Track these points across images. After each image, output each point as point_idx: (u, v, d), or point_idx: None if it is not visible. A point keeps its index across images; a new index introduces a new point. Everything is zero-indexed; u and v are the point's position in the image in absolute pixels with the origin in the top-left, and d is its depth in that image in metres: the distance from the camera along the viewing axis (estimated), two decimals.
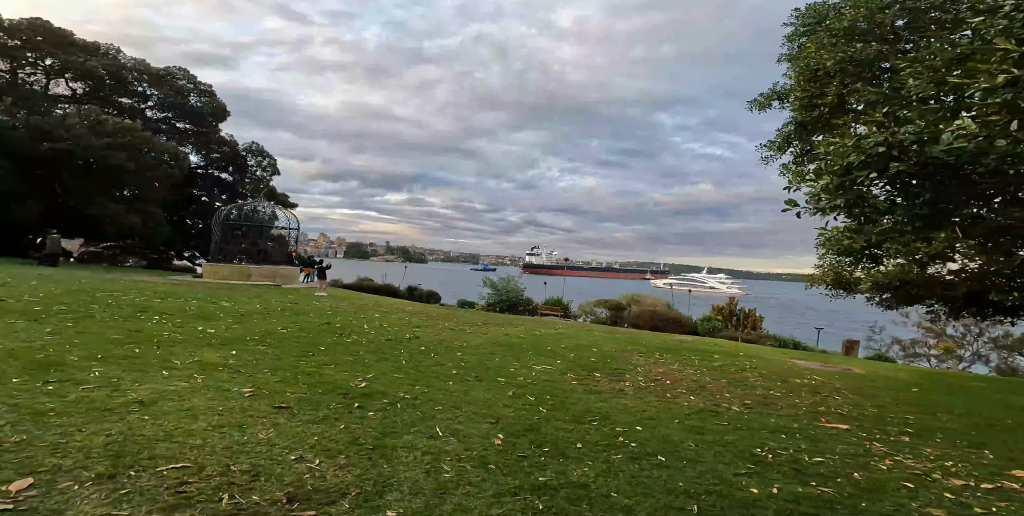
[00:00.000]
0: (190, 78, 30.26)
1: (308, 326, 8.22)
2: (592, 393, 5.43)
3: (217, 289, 13.82)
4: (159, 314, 7.67)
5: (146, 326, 6.48)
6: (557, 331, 12.07)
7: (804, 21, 10.38)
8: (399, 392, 4.51)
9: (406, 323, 10.51)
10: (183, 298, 10.37)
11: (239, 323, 7.71)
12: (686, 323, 20.31)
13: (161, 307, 8.52)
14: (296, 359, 5.46)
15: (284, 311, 10.14)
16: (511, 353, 7.72)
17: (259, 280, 18.79)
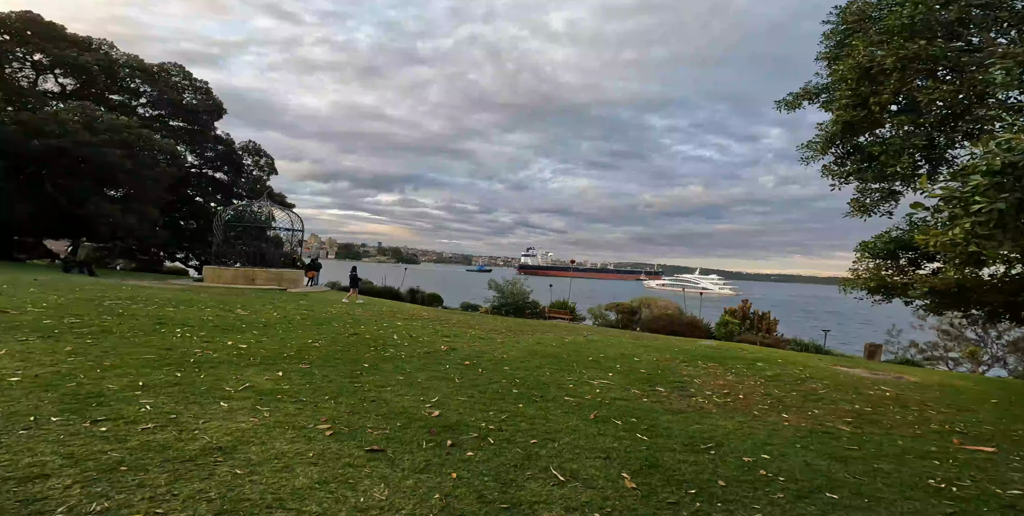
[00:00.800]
0: (185, 75, 29.30)
1: (338, 338, 7.66)
2: (674, 412, 4.99)
3: (226, 294, 13.14)
4: (180, 326, 7.06)
5: (173, 341, 5.89)
6: (587, 339, 11.62)
7: (847, 18, 10.06)
8: (479, 422, 4.02)
9: (432, 332, 9.98)
10: (196, 306, 9.72)
11: (266, 336, 7.13)
12: (702, 327, 19.99)
13: (178, 317, 7.90)
14: (348, 381, 4.93)
15: (305, 319, 9.54)
16: (558, 365, 7.25)
17: (264, 284, 18.09)
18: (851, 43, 9.72)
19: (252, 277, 18.12)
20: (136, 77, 26.92)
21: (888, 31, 8.66)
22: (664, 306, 25.32)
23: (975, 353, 16.09)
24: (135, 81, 27.21)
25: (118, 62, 25.26)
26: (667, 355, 9.69)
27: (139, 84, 27.34)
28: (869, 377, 8.64)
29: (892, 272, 10.12)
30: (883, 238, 10.42)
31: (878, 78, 8.82)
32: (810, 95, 12.05)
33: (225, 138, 32.40)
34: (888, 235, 10.43)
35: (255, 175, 34.98)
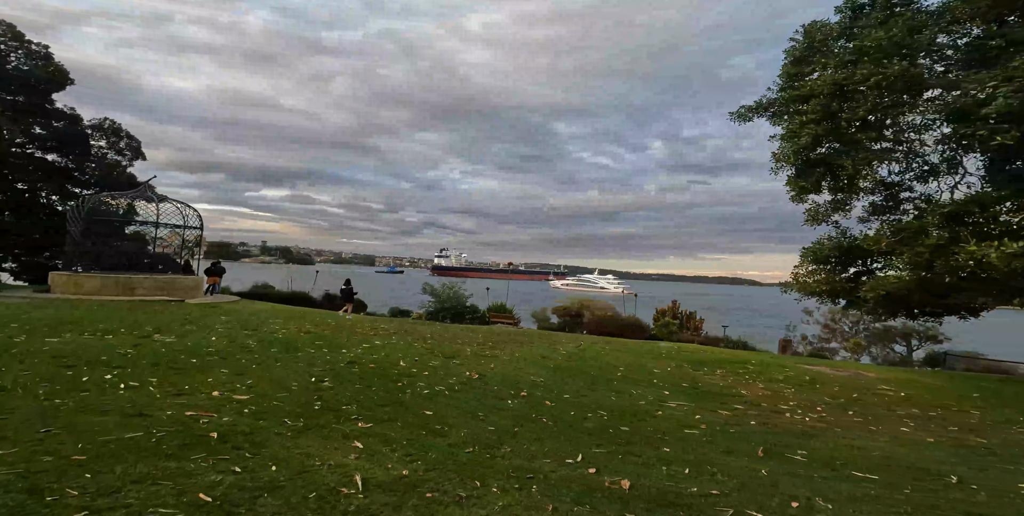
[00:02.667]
0: (15, 35, 22.48)
1: (341, 371, 5.81)
2: (805, 435, 4.53)
3: (113, 310, 9.73)
4: (98, 367, 4.66)
5: (112, 399, 3.70)
6: (579, 348, 10.94)
7: (812, 38, 10.89)
8: (647, 481, 3.04)
9: (427, 351, 8.42)
10: (85, 330, 6.82)
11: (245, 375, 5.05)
12: (645, 328, 20.72)
13: (80, 352, 5.31)
14: (450, 446, 3.43)
15: (263, 344, 7.26)
16: (597, 384, 6.45)
17: (148, 294, 14.15)
18: (818, 61, 10.51)
19: (131, 286, 14.06)
20: None
21: (860, 51, 9.48)
22: (602, 307, 26.02)
23: (858, 344, 19.04)
24: None
25: None
26: (671, 363, 9.45)
27: None
28: (847, 376, 9.32)
29: (842, 278, 11.06)
30: (826, 245, 11.43)
31: (852, 95, 9.62)
32: (762, 109, 12.99)
33: (69, 113, 25.55)
34: (834, 241, 11.50)
35: (111, 160, 28.09)
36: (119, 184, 26.95)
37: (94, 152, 27.04)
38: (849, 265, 11.70)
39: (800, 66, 11.41)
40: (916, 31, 8.65)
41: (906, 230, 9.14)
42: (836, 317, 20.90)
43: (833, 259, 11.64)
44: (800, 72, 11.44)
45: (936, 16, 9.51)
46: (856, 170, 9.76)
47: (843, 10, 10.91)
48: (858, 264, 11.77)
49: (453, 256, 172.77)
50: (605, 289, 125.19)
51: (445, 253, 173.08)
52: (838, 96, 9.76)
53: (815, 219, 11.87)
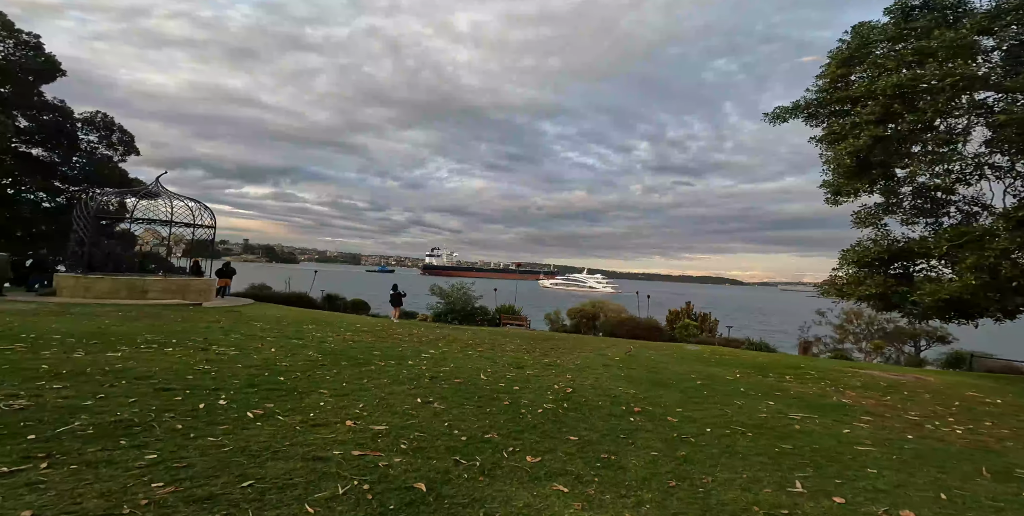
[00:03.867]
0: (4, 24, 21.20)
1: (439, 389, 5.32)
2: (968, 448, 4.23)
3: (134, 317, 9.01)
4: (189, 392, 4.11)
5: (264, 439, 3.20)
6: (629, 354, 10.62)
7: (864, 39, 10.76)
8: (928, 512, 2.70)
9: (491, 361, 8.00)
10: (132, 343, 6.19)
11: (360, 396, 4.56)
12: (664, 330, 20.54)
13: (157, 372, 4.74)
14: (644, 480, 3.03)
15: (336, 359, 6.71)
16: (693, 396, 6.10)
17: (161, 297, 13.37)
18: (872, 62, 10.38)
19: (143, 289, 13.25)
20: None
21: (921, 52, 9.36)
22: (615, 309, 25.82)
23: (879, 346, 19.20)
24: None
25: None
26: (735, 369, 9.18)
27: None
28: (916, 381, 9.18)
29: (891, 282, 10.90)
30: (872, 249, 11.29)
31: (916, 97, 9.50)
32: (799, 110, 12.88)
33: (60, 105, 24.23)
34: (881, 244, 11.39)
35: (102, 155, 26.69)
36: (109, 179, 25.67)
37: (84, 146, 25.70)
38: (888, 268, 11.63)
39: (847, 67, 11.29)
40: (986, 32, 8.57)
41: (969, 234, 9.06)
42: (851, 318, 21.08)
43: (876, 262, 11.56)
44: (846, 73, 11.33)
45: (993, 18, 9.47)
46: (915, 172, 9.68)
47: (893, 11, 10.82)
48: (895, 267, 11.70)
49: (445, 255, 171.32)
50: (594, 288, 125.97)
51: (436, 252, 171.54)
52: (897, 97, 9.65)
53: (863, 222, 11.77)
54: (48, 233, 25.01)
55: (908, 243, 10.86)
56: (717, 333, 22.06)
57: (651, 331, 20.47)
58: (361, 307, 23.96)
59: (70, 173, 25.54)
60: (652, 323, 21.12)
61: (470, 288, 24.90)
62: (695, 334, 19.99)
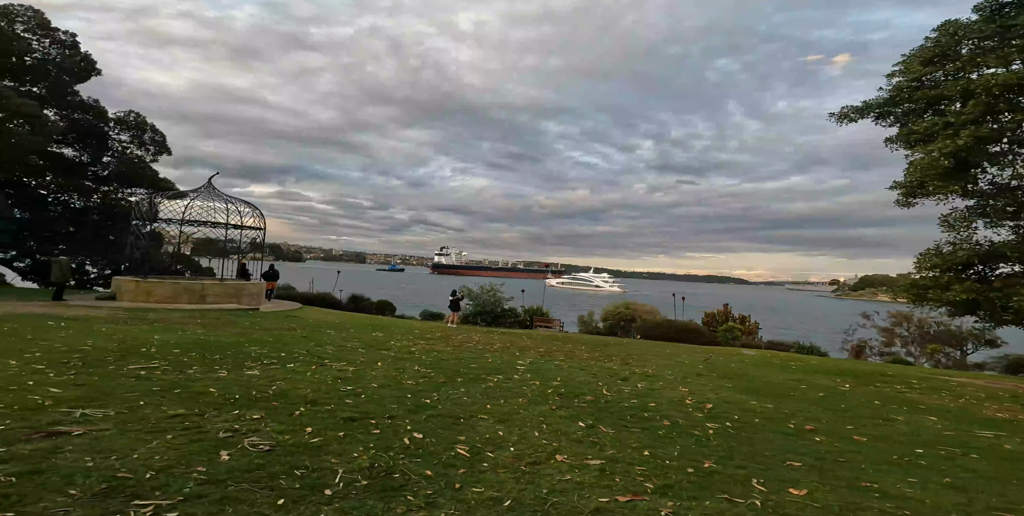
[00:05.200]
0: (41, 22, 21.09)
1: (586, 410, 5.18)
2: None
3: (219, 325, 8.89)
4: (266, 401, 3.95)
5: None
6: (708, 361, 10.41)
7: (952, 37, 10.48)
8: None
9: (582, 370, 7.85)
10: (277, 350, 6.04)
11: (524, 422, 4.38)
12: (705, 333, 20.29)
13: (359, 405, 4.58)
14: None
15: (453, 375, 6.56)
16: (832, 411, 5.88)
17: (219, 302, 13.27)
18: (969, 59, 10.10)
19: (203, 293, 13.15)
20: None
21: None
22: (650, 312, 25.59)
23: (936, 350, 18.90)
24: None
25: None
26: (826, 377, 8.97)
27: None
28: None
29: (982, 286, 10.54)
30: (960, 253, 11.03)
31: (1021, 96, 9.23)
32: (869, 109, 12.63)
33: (94, 104, 24.10)
34: (969, 247, 11.08)
35: (133, 155, 26.59)
36: (142, 180, 25.59)
37: (116, 146, 25.59)
38: (969, 273, 11.37)
39: (932, 66, 11.03)
40: None
41: None
42: (900, 321, 20.77)
43: (959, 266, 11.30)
44: (930, 72, 11.07)
45: None
46: (1020, 173, 9.44)
47: (982, 9, 10.56)
48: (973, 272, 11.43)
49: (453, 254, 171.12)
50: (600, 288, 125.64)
51: (445, 251, 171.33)
52: (1001, 96, 9.39)
53: (951, 226, 11.48)
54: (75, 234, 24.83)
55: (997, 246, 10.59)
56: (757, 336, 21.81)
57: (691, 334, 20.24)
58: (387, 308, 23.82)
59: (101, 173, 25.45)
60: (692, 326, 20.90)
61: (499, 289, 24.75)
62: (739, 337, 19.76)
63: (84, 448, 2.56)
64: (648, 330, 21.53)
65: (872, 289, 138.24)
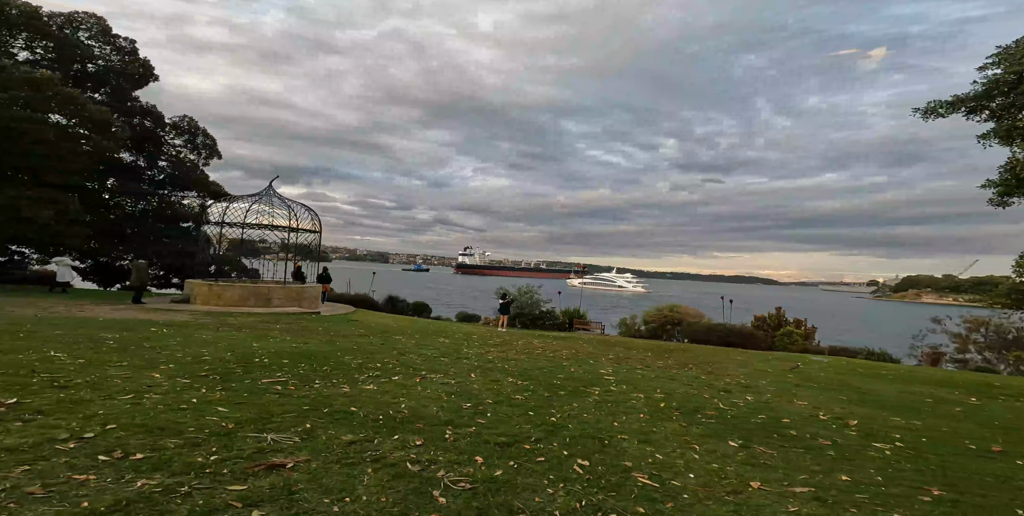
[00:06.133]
0: (103, 29, 21.89)
1: (698, 422, 4.91)
2: None
3: (294, 330, 8.99)
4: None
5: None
6: (795, 369, 9.94)
7: None
8: None
9: (673, 380, 7.54)
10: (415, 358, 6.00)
11: (682, 450, 4.15)
12: (759, 337, 19.56)
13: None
14: None
15: (568, 392, 6.41)
16: (993, 433, 5.41)
17: (283, 305, 13.50)
18: None
19: (268, 297, 13.39)
20: (25, 27, 19.03)
21: None
22: (695, 314, 24.91)
23: (1019, 357, 17.72)
24: (24, 32, 19.30)
25: (10, 5, 17.45)
26: (950, 391, 8.37)
27: (32, 36, 19.47)
28: None
29: None
30: None
31: None
32: (961, 103, 11.84)
33: (152, 110, 24.92)
34: None
35: (186, 159, 27.48)
36: (196, 184, 26.40)
37: (170, 151, 26.45)
38: None
39: None
40: None
41: None
42: (975, 326, 19.58)
43: None
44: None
45: None
46: None
47: None
48: None
49: (477, 254, 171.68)
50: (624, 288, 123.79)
51: (469, 251, 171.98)
52: None
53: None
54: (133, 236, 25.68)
55: None
56: (815, 340, 20.90)
57: (745, 338, 19.55)
58: (424, 309, 23.88)
59: (157, 177, 26.32)
60: (747, 330, 20.15)
61: (536, 291, 24.54)
62: (797, 342, 18.97)
63: (312, 486, 2.46)
64: (696, 334, 20.94)
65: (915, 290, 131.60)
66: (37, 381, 3.87)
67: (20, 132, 12.22)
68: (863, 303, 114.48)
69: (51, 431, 2.82)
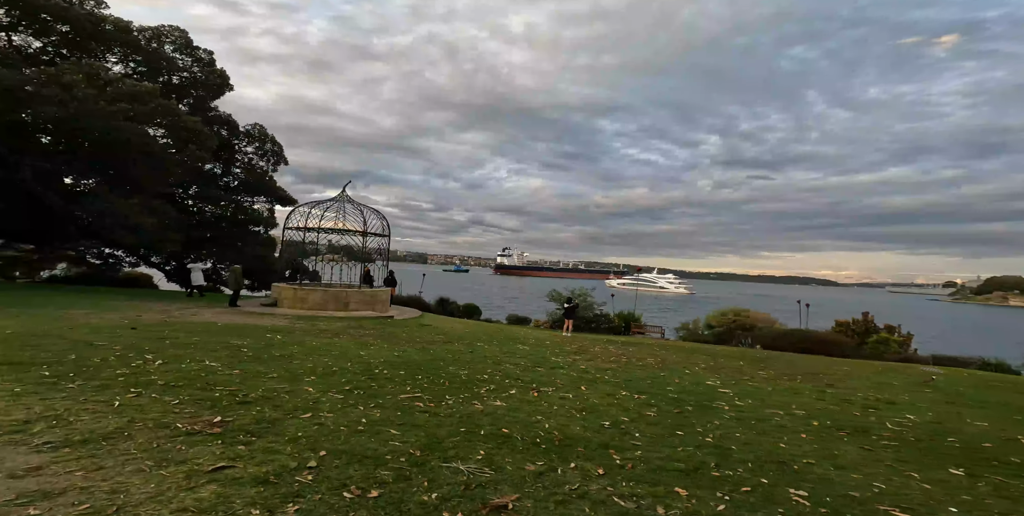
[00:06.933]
0: (185, 41, 23.32)
1: (888, 444, 4.43)
2: None
3: (382, 336, 9.11)
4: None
5: None
6: (928, 382, 9.02)
7: None
8: None
9: (794, 393, 6.95)
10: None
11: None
12: (847, 344, 18.10)
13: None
14: None
15: (653, 395, 6.09)
16: None
17: (359, 309, 13.82)
18: None
19: (346, 301, 13.77)
20: (120, 41, 20.60)
21: None
22: (765, 319, 23.58)
23: None
24: (118, 46, 20.91)
25: (106, 20, 18.99)
26: None
27: (126, 50, 21.08)
28: None
29: None
30: None
31: None
32: None
33: (227, 119, 26.30)
34: None
35: (257, 166, 28.94)
36: (266, 190, 27.75)
37: (244, 158, 27.84)
38: None
39: None
40: None
41: None
42: None
43: None
44: None
45: None
46: None
47: None
48: None
49: (516, 255, 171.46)
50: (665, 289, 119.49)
51: (508, 252, 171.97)
52: None
53: None
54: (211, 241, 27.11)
55: None
56: (911, 348, 19.11)
57: (829, 346, 18.16)
58: (474, 311, 23.85)
59: (232, 184, 27.79)
60: (832, 337, 18.68)
61: (590, 293, 24.01)
62: (895, 350, 17.39)
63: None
64: (771, 340, 19.71)
65: (1001, 292, 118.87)
66: (220, 396, 3.98)
67: (124, 142, 13.19)
68: (941, 306, 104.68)
69: (276, 457, 2.80)
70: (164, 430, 3.06)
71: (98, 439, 2.81)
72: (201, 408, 3.62)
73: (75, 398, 3.60)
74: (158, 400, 3.74)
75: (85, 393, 3.78)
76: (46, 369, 4.45)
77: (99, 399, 3.60)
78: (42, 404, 3.38)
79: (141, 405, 3.51)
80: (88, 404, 3.50)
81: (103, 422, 3.11)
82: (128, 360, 5.14)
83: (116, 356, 5.32)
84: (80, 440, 2.80)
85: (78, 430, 2.93)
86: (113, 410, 3.38)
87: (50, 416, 3.15)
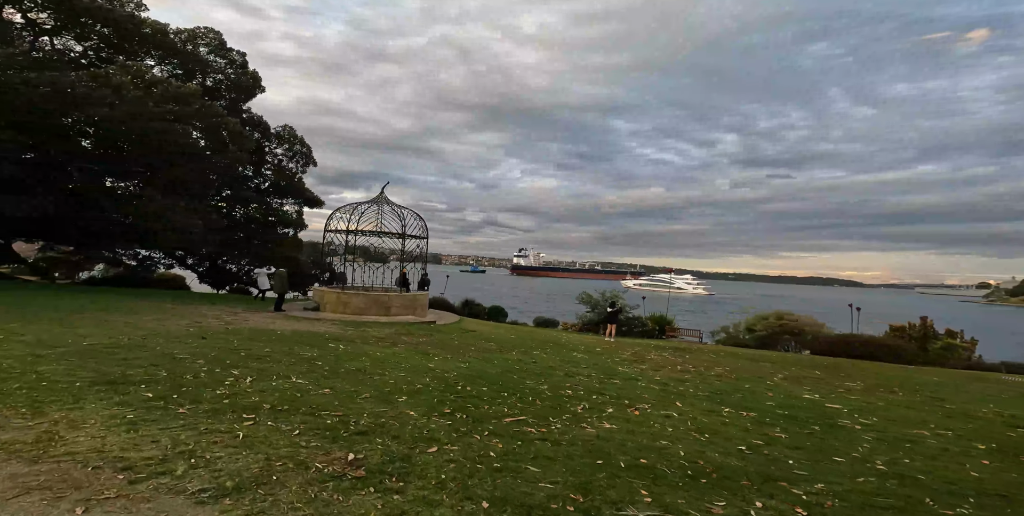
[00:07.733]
0: (220, 43, 23.35)
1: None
2: None
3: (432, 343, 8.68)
4: None
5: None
6: None
7: None
8: None
9: (909, 408, 6.26)
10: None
11: None
12: (907, 350, 17.00)
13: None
14: None
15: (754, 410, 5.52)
16: None
17: (400, 313, 13.46)
18: None
19: (388, 305, 13.42)
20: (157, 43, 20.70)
21: None
22: (811, 322, 22.55)
23: None
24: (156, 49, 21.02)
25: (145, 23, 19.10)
26: None
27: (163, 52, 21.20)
28: None
29: None
30: None
31: None
32: None
33: (259, 121, 26.28)
34: None
35: (285, 167, 28.94)
36: (296, 192, 27.69)
37: (274, 160, 27.80)
38: None
39: None
40: None
41: None
42: None
43: None
44: None
45: None
46: None
47: None
48: None
49: (532, 255, 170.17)
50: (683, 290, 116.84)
51: (524, 252, 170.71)
52: None
53: None
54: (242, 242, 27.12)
55: None
56: (975, 354, 17.90)
57: (885, 350, 17.08)
58: (500, 313, 23.31)
59: (262, 185, 27.77)
60: (894, 343, 17.56)
61: (621, 296, 23.32)
62: (961, 356, 16.28)
63: None
64: (828, 346, 18.67)
65: None
66: (332, 423, 3.56)
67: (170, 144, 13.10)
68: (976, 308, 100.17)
69: (440, 511, 2.35)
70: (306, 471, 2.65)
71: (251, 485, 2.42)
72: (324, 440, 3.21)
73: (195, 428, 3.26)
74: (275, 429, 3.37)
75: (200, 420, 3.43)
76: (146, 389, 4.13)
77: (219, 429, 3.26)
78: (166, 436, 3.04)
79: (265, 437, 3.14)
80: (211, 435, 3.14)
81: (241, 461, 2.73)
82: (219, 376, 4.81)
83: (205, 371, 5.00)
84: (233, 486, 2.41)
85: (224, 473, 2.55)
86: (241, 443, 3.02)
87: (184, 453, 2.79)
